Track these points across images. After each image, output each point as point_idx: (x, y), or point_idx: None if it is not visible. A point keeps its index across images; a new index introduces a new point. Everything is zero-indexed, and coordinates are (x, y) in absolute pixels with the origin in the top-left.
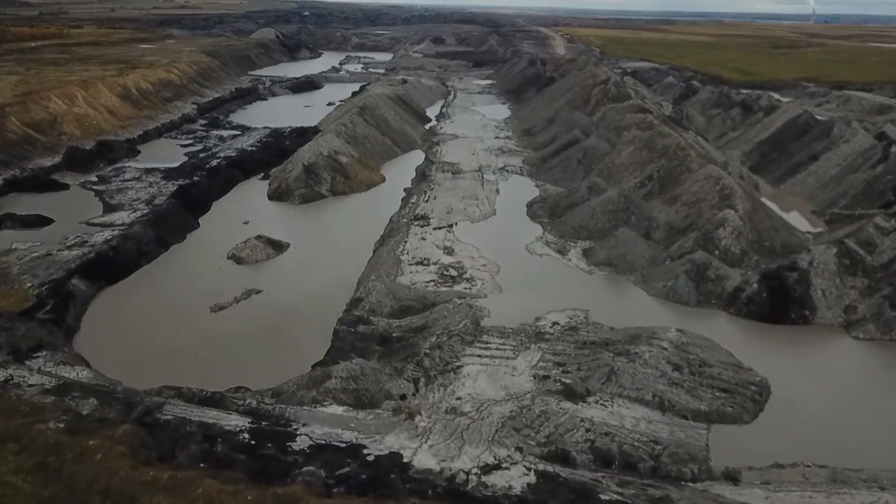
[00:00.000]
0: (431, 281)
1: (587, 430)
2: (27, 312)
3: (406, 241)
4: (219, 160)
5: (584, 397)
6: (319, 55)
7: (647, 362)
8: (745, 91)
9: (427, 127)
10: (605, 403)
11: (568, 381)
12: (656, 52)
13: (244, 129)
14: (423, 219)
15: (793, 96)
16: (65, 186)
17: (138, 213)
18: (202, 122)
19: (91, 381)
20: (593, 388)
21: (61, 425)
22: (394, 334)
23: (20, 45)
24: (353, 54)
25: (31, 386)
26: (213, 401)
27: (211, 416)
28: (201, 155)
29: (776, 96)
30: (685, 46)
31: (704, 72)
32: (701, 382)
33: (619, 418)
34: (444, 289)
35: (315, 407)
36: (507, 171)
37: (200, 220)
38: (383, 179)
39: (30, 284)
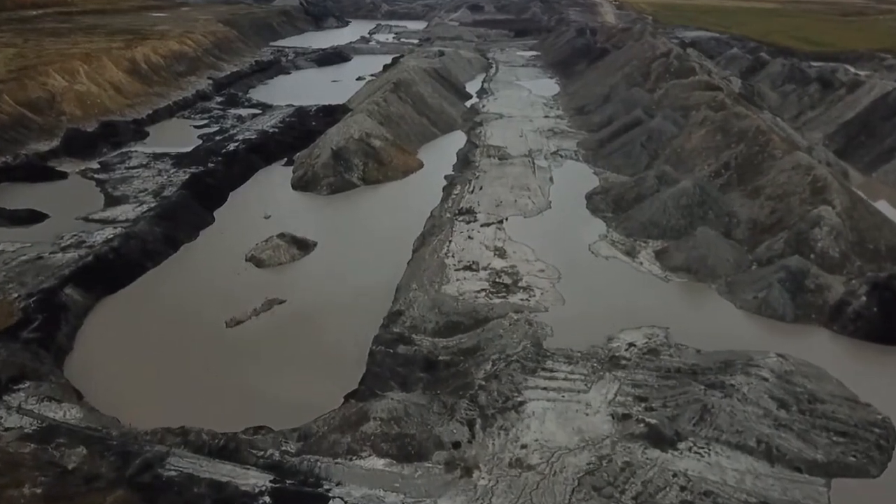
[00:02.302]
0: (482, 291)
1: (682, 489)
2: (10, 331)
3: (450, 241)
4: (237, 144)
5: (674, 443)
6: (347, 24)
7: (747, 397)
8: (817, 64)
9: (468, 105)
10: (701, 451)
11: (653, 421)
12: (714, 21)
13: (265, 108)
14: (469, 213)
15: (870, 69)
16: (62, 175)
17: (144, 207)
18: (219, 99)
19: (81, 423)
20: (684, 431)
21: (39, 490)
22: (440, 357)
23: (19, 14)
24: (383, 23)
25: (7, 430)
26: (228, 451)
27: (224, 472)
28: (217, 138)
29: (851, 69)
30: (745, 13)
31: (769, 42)
32: (813, 423)
33: (720, 472)
34: (497, 300)
35: (351, 460)
36: (561, 156)
37: (216, 214)
38: (421, 165)
39: (16, 295)
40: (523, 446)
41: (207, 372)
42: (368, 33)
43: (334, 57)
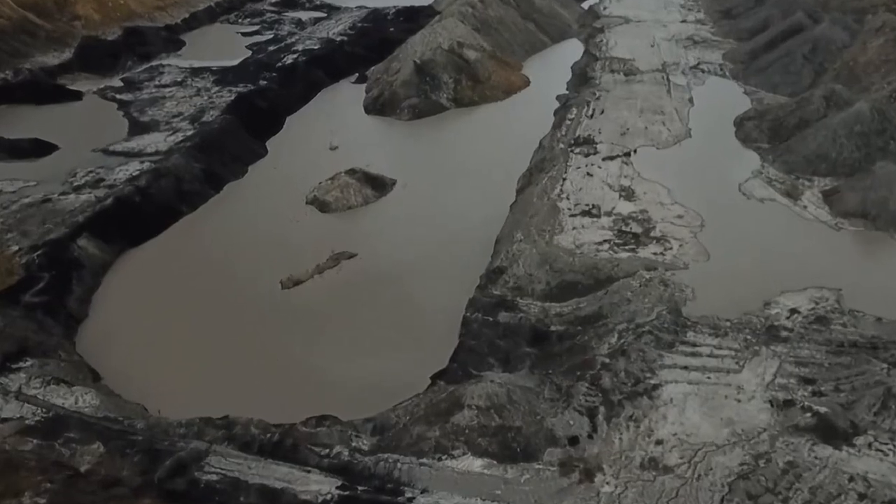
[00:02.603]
0: (605, 242)
1: (861, 498)
2: (10, 293)
3: (565, 179)
4: (295, 56)
5: (849, 438)
6: None
7: None
8: None
9: (585, 5)
10: (884, 448)
11: (823, 409)
12: None
13: (331, 10)
14: (588, 143)
15: None
16: (75, 95)
17: (179, 136)
18: None
19: (97, 412)
20: (862, 423)
21: (43, 499)
22: (552, 327)
23: None
24: None
25: (4, 421)
26: (283, 448)
27: (279, 475)
28: (271, 48)
29: None
30: None
31: None
32: None
33: None
34: (623, 254)
35: (440, 459)
36: (703, 71)
37: (268, 145)
38: (527, 83)
39: (16, 248)
40: (658, 442)
41: (257, 346)
42: None
43: None
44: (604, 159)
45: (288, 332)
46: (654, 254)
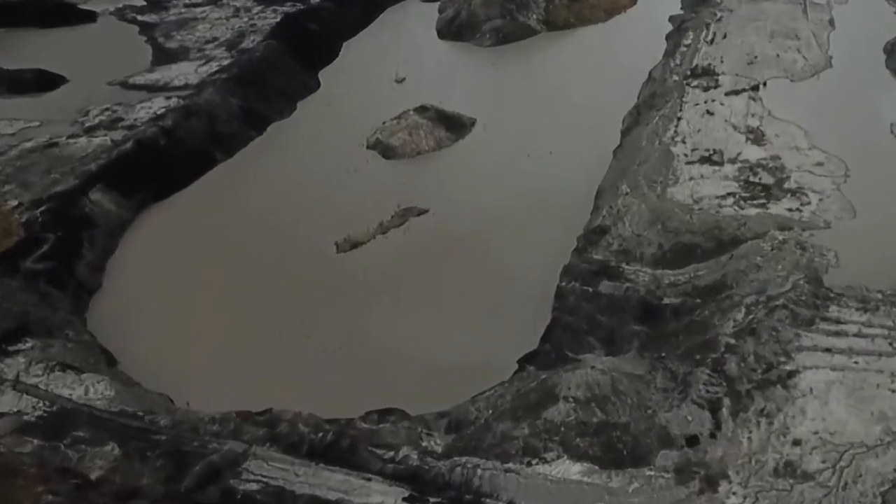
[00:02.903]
0: (729, 195)
1: None
2: (7, 259)
3: (680, 118)
4: None
5: None
6: None
7: None
8: None
9: None
10: None
11: None
12: None
13: None
14: (708, 74)
15: None
16: (88, 17)
17: (213, 66)
18: None
19: (112, 405)
20: None
21: None
22: (665, 300)
23: None
24: None
25: None
26: (338, 450)
27: (333, 483)
28: None
29: None
30: None
31: None
32: None
33: None
34: (752, 211)
35: (529, 464)
36: None
37: (321, 77)
38: (633, 1)
39: (15, 203)
40: (796, 442)
41: (306, 323)
42: None
43: None
44: (727, 94)
45: (343, 306)
46: (789, 210)
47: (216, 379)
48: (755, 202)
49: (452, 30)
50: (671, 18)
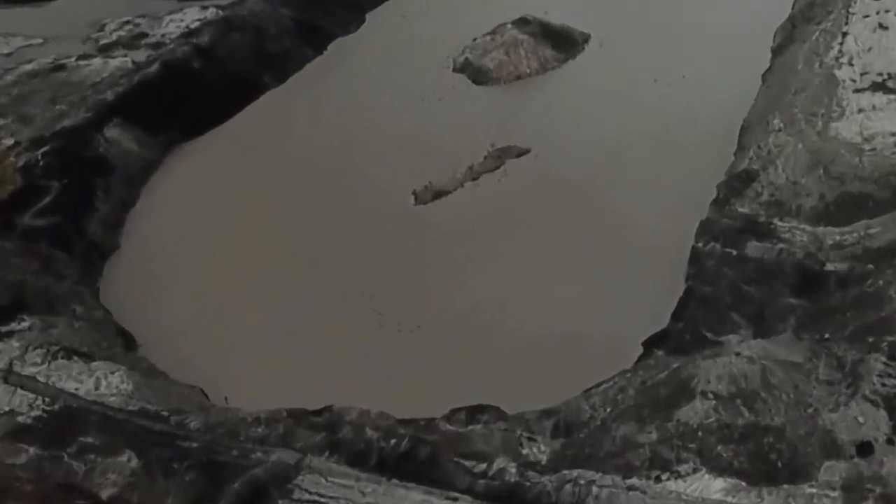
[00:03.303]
0: None
1: None
2: (1, 212)
3: (846, 33)
4: None
5: None
6: None
7: None
8: None
9: None
10: None
11: None
12: None
13: None
14: None
15: None
16: None
17: None
18: None
19: (129, 401)
20: None
21: None
22: (829, 266)
23: None
24: None
25: None
26: (415, 461)
27: None
28: None
29: None
30: None
31: None
32: None
33: None
34: None
35: (658, 480)
36: None
37: None
38: None
39: (11, 143)
40: None
41: (376, 296)
42: None
43: None
44: None
45: (423, 272)
46: None
47: (262, 366)
48: None
49: None
50: None
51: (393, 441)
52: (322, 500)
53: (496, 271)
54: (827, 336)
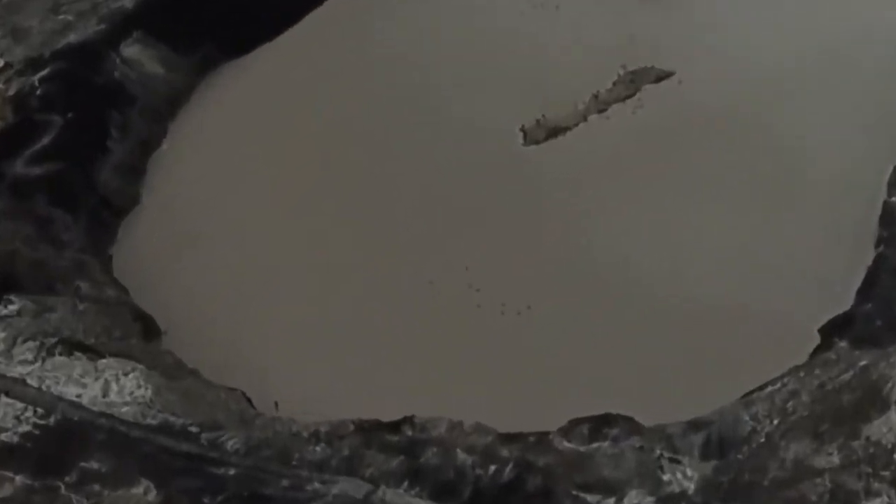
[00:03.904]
0: None
1: None
2: None
3: None
4: None
5: None
6: None
7: None
8: None
9: None
10: None
11: None
12: None
13: None
14: None
15: None
16: None
17: None
18: None
19: (148, 411)
20: None
21: None
22: None
23: None
24: None
25: None
26: (521, 495)
27: None
28: None
29: None
30: None
31: None
32: None
33: None
34: None
35: None
36: None
37: None
38: None
39: (2, 63)
40: None
41: (473, 267)
42: None
43: None
44: None
45: (534, 230)
46: None
47: (322, 361)
48: None
49: None
50: None
51: (493, 467)
52: None
53: (628, 232)
54: None
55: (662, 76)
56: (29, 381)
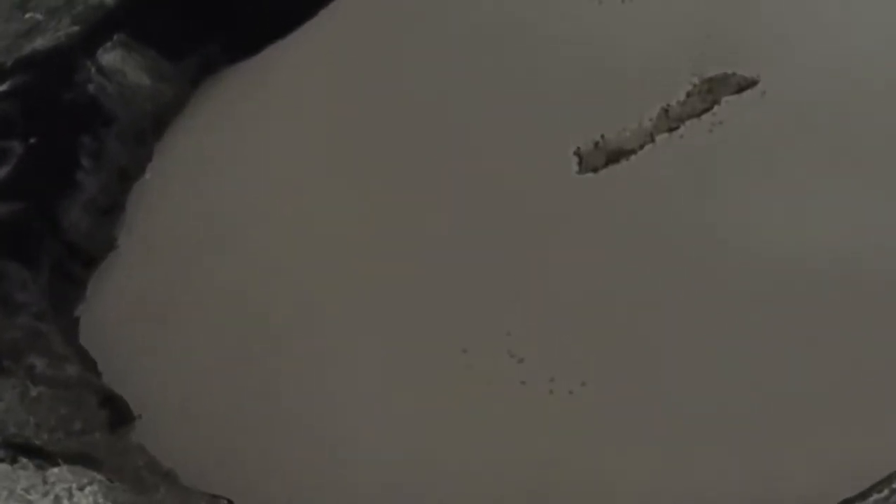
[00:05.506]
0: None
1: None
2: None
3: None
4: None
5: None
6: None
7: None
8: None
9: None
10: None
11: None
12: None
13: None
14: None
15: None
16: None
17: None
18: None
19: None
20: None
21: None
22: None
23: None
24: None
25: None
26: None
27: None
28: None
29: None
30: None
31: None
32: None
33: None
34: None
35: None
36: None
37: None
38: None
39: None
40: None
41: (515, 331)
42: None
43: None
44: None
45: (591, 283)
46: None
47: (334, 458)
48: None
49: None
50: None
51: None
52: None
53: (711, 289)
54: None
55: (744, 85)
56: None
